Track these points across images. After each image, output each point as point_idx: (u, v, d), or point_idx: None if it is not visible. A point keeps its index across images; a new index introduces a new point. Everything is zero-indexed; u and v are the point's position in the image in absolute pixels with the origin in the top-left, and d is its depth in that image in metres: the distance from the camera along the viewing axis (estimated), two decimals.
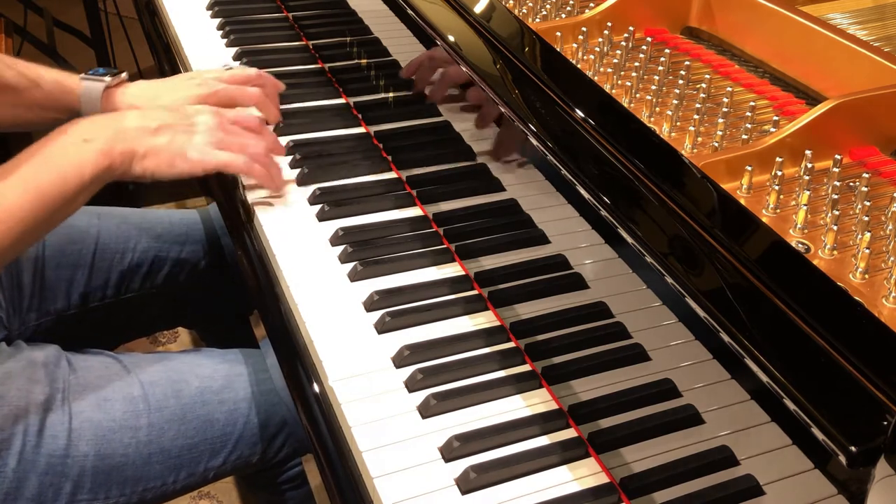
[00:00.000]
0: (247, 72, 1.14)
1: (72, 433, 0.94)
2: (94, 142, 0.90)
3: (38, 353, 0.99)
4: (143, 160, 0.93)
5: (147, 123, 0.94)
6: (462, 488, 0.71)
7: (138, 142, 0.92)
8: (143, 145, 0.92)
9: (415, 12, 1.06)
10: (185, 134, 0.95)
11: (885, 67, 0.83)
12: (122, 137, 0.92)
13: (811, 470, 0.64)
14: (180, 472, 1.01)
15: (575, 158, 0.80)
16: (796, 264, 0.63)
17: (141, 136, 0.93)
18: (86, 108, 1.11)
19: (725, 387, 0.74)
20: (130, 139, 0.92)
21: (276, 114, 1.14)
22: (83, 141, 0.90)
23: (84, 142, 0.90)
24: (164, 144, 0.93)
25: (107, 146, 0.90)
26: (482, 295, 0.89)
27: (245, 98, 1.11)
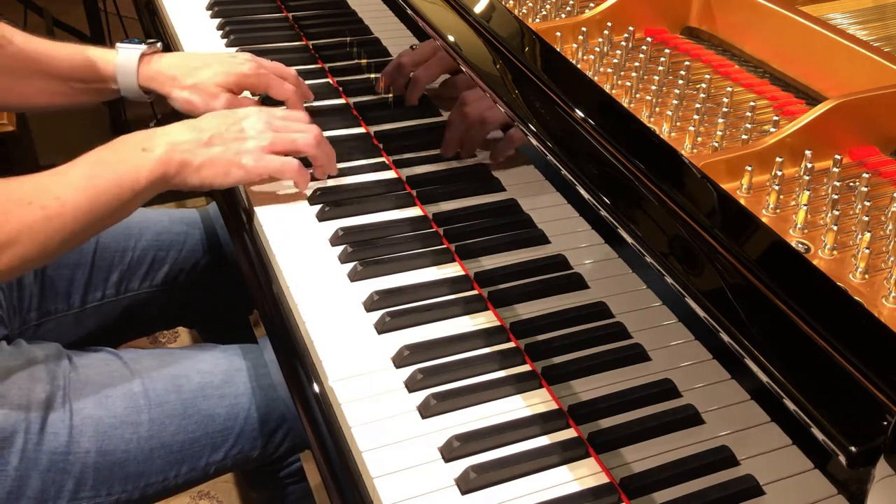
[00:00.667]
0: (288, 69, 1.17)
1: (73, 430, 0.94)
2: (151, 151, 0.92)
3: (39, 351, 0.99)
4: (200, 171, 0.94)
5: (199, 135, 0.95)
6: (462, 488, 0.71)
7: (193, 153, 0.94)
8: (199, 156, 0.94)
9: (415, 12, 1.06)
10: (236, 142, 0.96)
11: (885, 67, 0.83)
12: (178, 148, 0.94)
13: (811, 470, 0.64)
14: (182, 466, 1.01)
15: (575, 158, 0.80)
16: (796, 264, 0.63)
17: (195, 147, 0.94)
18: (121, 75, 1.13)
19: (725, 387, 0.74)
20: (185, 150, 0.94)
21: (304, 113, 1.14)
22: (141, 150, 0.92)
23: (142, 150, 0.92)
24: (219, 154, 0.95)
25: (165, 156, 0.92)
26: (482, 295, 0.89)
27: (281, 91, 1.14)
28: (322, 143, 1.02)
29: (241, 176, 0.96)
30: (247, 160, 0.96)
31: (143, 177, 0.91)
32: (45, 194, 0.86)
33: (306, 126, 1.02)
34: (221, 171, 0.95)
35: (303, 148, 1.00)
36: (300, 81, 1.17)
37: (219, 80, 1.11)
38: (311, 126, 1.02)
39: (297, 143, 0.99)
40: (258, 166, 0.96)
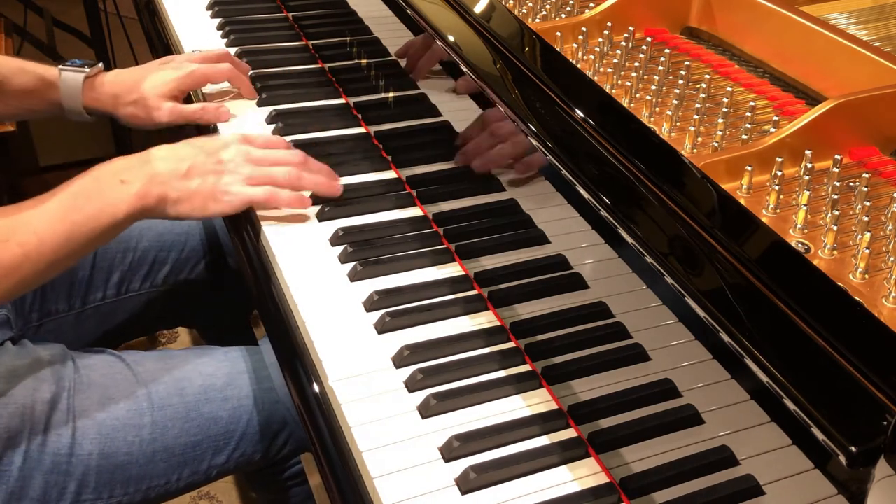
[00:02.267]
0: (217, 51, 1.21)
1: (76, 432, 0.94)
2: (130, 184, 0.91)
3: (44, 351, 0.99)
4: (177, 205, 0.94)
5: (178, 167, 0.94)
6: (462, 488, 0.71)
7: (171, 186, 0.93)
8: (176, 189, 0.94)
9: (415, 12, 1.06)
10: (214, 175, 0.96)
11: (885, 67, 0.83)
12: (156, 181, 0.93)
13: (811, 470, 0.64)
14: (184, 469, 1.01)
15: (575, 158, 0.80)
16: (796, 264, 0.63)
17: (173, 180, 0.94)
18: (66, 99, 1.15)
19: (725, 387, 0.74)
20: (164, 183, 0.93)
21: (249, 87, 1.21)
22: (120, 182, 0.91)
23: (121, 183, 0.91)
24: (196, 188, 0.94)
25: (143, 189, 0.92)
26: (482, 295, 0.89)
27: (217, 74, 1.18)
28: (303, 175, 0.99)
29: (219, 210, 0.96)
30: (222, 195, 0.95)
31: (122, 211, 0.91)
32: (23, 230, 0.85)
33: (287, 157, 1.00)
34: (199, 206, 0.95)
35: (282, 184, 0.98)
36: (232, 58, 1.21)
37: (158, 91, 1.14)
38: (292, 156, 1.00)
39: (275, 180, 0.98)
40: (235, 200, 0.96)
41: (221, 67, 1.18)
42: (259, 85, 1.23)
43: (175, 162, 0.95)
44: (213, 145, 0.98)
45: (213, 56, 1.19)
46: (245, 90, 1.20)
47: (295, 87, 1.24)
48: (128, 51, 2.47)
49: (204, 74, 1.17)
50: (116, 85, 1.15)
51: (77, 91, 1.14)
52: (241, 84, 1.20)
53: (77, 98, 1.14)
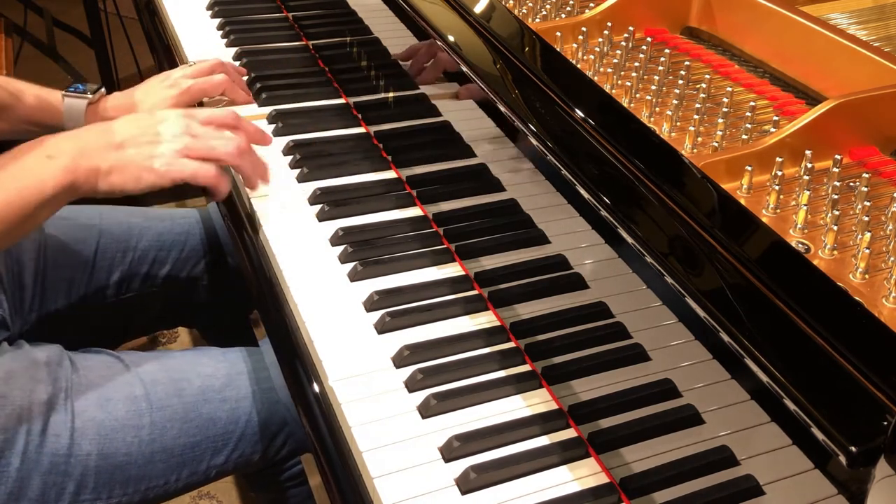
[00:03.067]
0: (210, 63, 1.19)
1: (74, 432, 0.94)
2: (57, 158, 0.88)
3: (41, 352, 0.99)
4: (109, 176, 0.91)
5: (110, 139, 0.92)
6: (462, 488, 0.71)
7: (101, 157, 0.90)
8: (107, 161, 0.90)
9: (415, 12, 1.06)
10: (149, 145, 0.93)
11: (885, 67, 0.83)
12: (85, 154, 0.90)
13: (811, 470, 0.64)
14: (183, 470, 1.01)
15: (575, 158, 0.80)
16: (796, 264, 0.63)
17: (104, 151, 0.91)
18: (69, 124, 1.13)
19: (725, 387, 0.74)
20: (94, 155, 0.90)
21: (244, 96, 1.20)
22: (46, 157, 0.88)
23: (47, 158, 0.88)
24: (129, 158, 0.91)
25: (71, 163, 0.88)
26: (482, 295, 0.89)
27: (213, 87, 1.17)
28: (246, 152, 0.98)
29: (153, 180, 0.92)
30: (159, 164, 0.92)
31: (49, 186, 0.87)
32: None
33: (230, 133, 0.98)
34: (132, 177, 0.91)
35: (222, 157, 0.96)
36: (226, 66, 1.20)
37: None
38: (234, 134, 0.98)
39: (215, 151, 0.96)
40: (171, 170, 0.93)
41: (216, 80, 1.17)
42: (259, 85, 1.23)
43: (107, 134, 0.93)
44: (150, 119, 0.96)
45: (206, 68, 1.18)
46: (240, 99, 1.20)
47: (295, 87, 1.24)
48: (128, 51, 2.47)
49: (200, 90, 1.16)
50: (117, 109, 1.14)
51: (80, 117, 1.13)
52: (235, 95, 1.19)
53: (80, 123, 1.13)
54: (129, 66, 2.51)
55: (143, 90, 1.17)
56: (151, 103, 1.14)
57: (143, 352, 1.08)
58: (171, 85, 1.16)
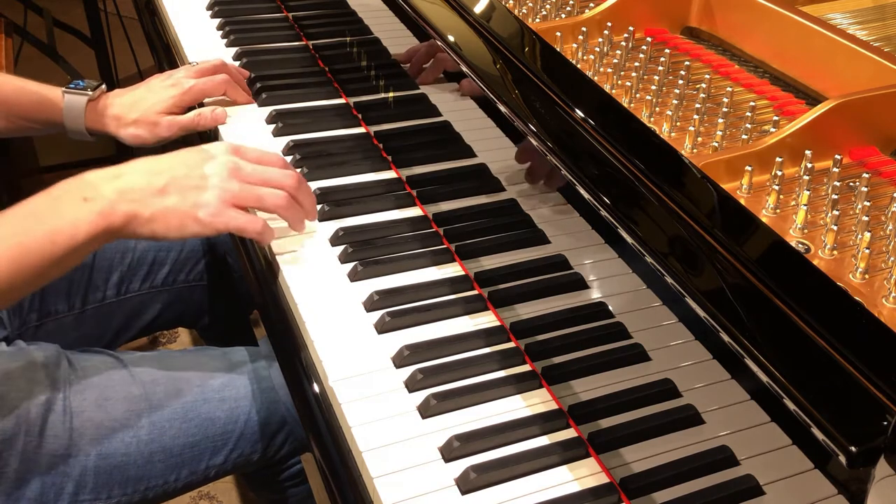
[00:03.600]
0: (213, 63, 1.20)
1: (73, 433, 0.94)
2: (93, 201, 0.83)
3: (38, 353, 0.99)
4: (151, 223, 0.85)
5: (154, 182, 0.86)
6: (462, 488, 0.71)
7: (144, 203, 0.85)
8: (150, 207, 0.85)
9: (415, 12, 1.06)
10: (195, 191, 0.87)
11: (885, 67, 0.83)
12: (126, 198, 0.84)
13: (811, 470, 0.64)
14: (182, 470, 1.01)
15: (575, 158, 0.80)
16: (796, 264, 0.63)
17: (147, 196, 0.85)
18: (69, 121, 1.14)
19: (725, 387, 0.74)
20: (135, 200, 0.84)
21: (245, 96, 1.20)
22: (83, 199, 0.83)
23: (83, 200, 0.83)
24: (173, 206, 0.85)
25: (108, 207, 0.83)
26: (482, 295, 0.89)
27: (214, 88, 1.17)
28: (293, 204, 0.91)
29: (198, 230, 0.87)
30: (204, 213, 0.86)
31: (82, 232, 0.82)
32: None
33: (280, 177, 0.91)
34: (175, 225, 0.86)
35: (271, 209, 0.91)
36: (228, 67, 1.20)
37: (157, 109, 1.14)
38: (285, 177, 0.92)
39: (264, 202, 0.90)
40: (217, 221, 0.87)
41: (217, 80, 1.17)
42: (259, 85, 1.23)
43: (150, 176, 0.86)
44: (196, 157, 0.90)
45: (209, 68, 1.18)
46: (241, 99, 1.20)
47: (295, 87, 1.24)
48: (128, 51, 2.47)
49: (201, 89, 1.16)
50: (118, 107, 1.15)
51: (80, 114, 1.13)
52: (236, 95, 1.19)
53: (80, 120, 1.14)
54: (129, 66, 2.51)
55: (145, 88, 1.17)
56: (152, 102, 1.14)
57: (142, 352, 1.07)
58: (173, 84, 1.16)
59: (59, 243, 0.81)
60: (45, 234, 0.81)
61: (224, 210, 0.87)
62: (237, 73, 1.22)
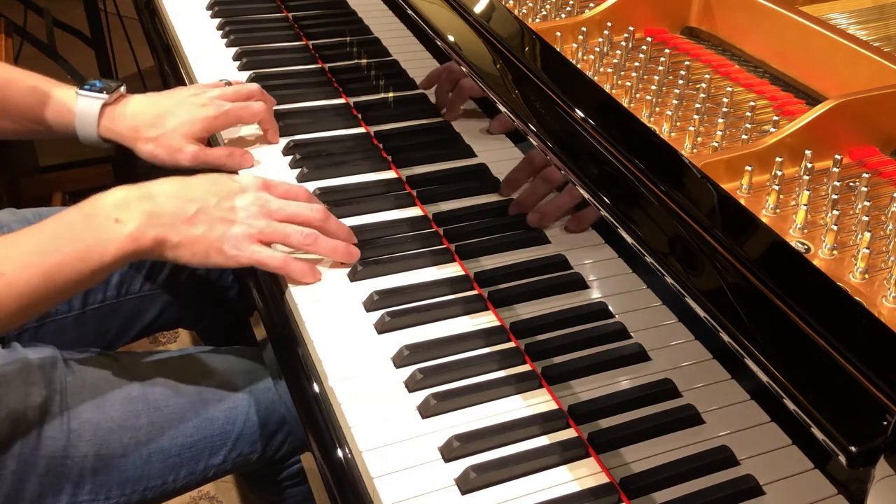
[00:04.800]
0: (248, 87, 1.11)
1: (71, 434, 0.94)
2: (125, 224, 0.83)
3: (33, 354, 0.99)
4: (177, 249, 0.86)
5: (185, 208, 0.86)
6: (462, 488, 0.71)
7: (172, 229, 0.85)
8: (179, 234, 0.85)
9: (415, 12, 1.06)
10: (223, 224, 0.87)
11: (885, 67, 0.83)
12: (156, 222, 0.85)
13: (811, 470, 0.64)
14: (180, 470, 1.01)
15: (575, 158, 0.80)
16: (796, 264, 0.63)
17: (177, 223, 0.86)
18: (81, 126, 1.06)
19: (725, 387, 0.74)
20: (164, 225, 0.85)
21: (276, 130, 1.13)
22: (114, 221, 0.83)
23: (115, 222, 0.83)
24: (201, 235, 0.86)
25: (138, 231, 0.84)
26: (482, 295, 0.89)
27: (250, 115, 1.09)
28: (319, 239, 0.90)
29: (221, 262, 0.88)
30: (229, 247, 0.87)
31: (111, 253, 0.82)
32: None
33: (307, 213, 0.91)
34: (200, 253, 0.87)
35: (296, 246, 0.90)
36: (265, 96, 1.12)
37: (184, 131, 1.05)
38: (311, 212, 0.91)
39: (289, 240, 0.90)
40: (240, 256, 0.87)
41: (255, 108, 1.08)
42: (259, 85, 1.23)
43: (182, 202, 0.87)
44: (228, 188, 0.90)
45: (244, 93, 1.09)
46: (272, 133, 1.12)
47: (295, 87, 1.24)
48: (128, 51, 2.47)
49: (237, 116, 1.07)
50: (137, 117, 1.05)
51: (93, 119, 1.05)
52: (270, 126, 1.11)
53: (92, 127, 1.06)
54: (129, 66, 2.51)
55: (174, 101, 1.07)
56: (179, 122, 1.04)
57: (140, 352, 1.07)
58: (206, 104, 1.06)
59: (88, 262, 0.82)
60: (77, 252, 0.82)
61: (248, 245, 0.88)
62: (271, 104, 1.13)
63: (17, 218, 1.15)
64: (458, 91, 1.11)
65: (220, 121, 1.06)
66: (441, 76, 1.13)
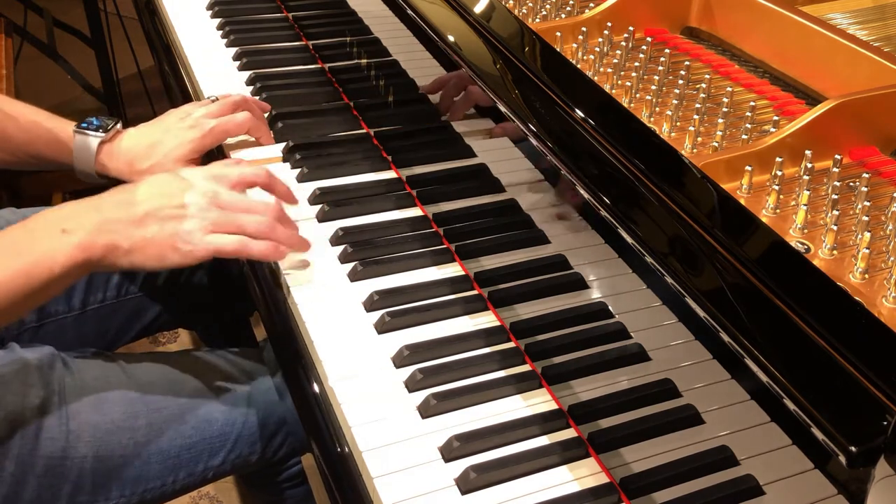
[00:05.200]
0: (233, 99, 1.11)
1: (69, 435, 0.94)
2: (72, 233, 0.82)
3: (31, 355, 0.98)
4: (130, 255, 0.85)
5: (132, 212, 0.85)
6: (462, 488, 0.71)
7: (122, 234, 0.84)
8: (129, 238, 0.84)
9: (415, 12, 1.06)
10: (173, 221, 0.86)
11: (885, 67, 0.83)
12: (105, 229, 0.84)
13: (811, 470, 0.64)
14: (179, 472, 1.00)
15: (575, 158, 0.80)
16: (796, 264, 0.63)
17: (125, 228, 0.84)
18: (78, 162, 1.07)
19: (725, 387, 0.74)
20: (113, 231, 0.84)
21: (268, 135, 1.13)
22: (61, 231, 0.82)
23: (62, 232, 0.82)
24: (151, 236, 0.85)
25: (86, 240, 0.82)
26: (482, 295, 0.89)
27: (236, 127, 1.09)
28: (278, 225, 0.90)
29: (177, 260, 0.86)
30: (182, 244, 0.86)
31: (59, 263, 0.81)
32: None
33: (260, 206, 0.91)
34: (155, 255, 0.85)
35: (253, 234, 0.89)
36: (249, 103, 1.12)
37: (175, 156, 1.06)
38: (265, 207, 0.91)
39: (245, 230, 0.88)
40: (196, 249, 0.86)
41: (240, 119, 1.09)
42: (259, 85, 1.23)
43: (129, 207, 0.86)
44: (175, 186, 0.89)
45: (228, 106, 1.10)
46: (264, 138, 1.12)
47: (295, 88, 1.24)
48: (128, 51, 2.47)
49: (224, 131, 1.08)
50: (131, 151, 1.07)
51: (90, 156, 1.06)
52: (259, 133, 1.12)
53: (89, 163, 1.07)
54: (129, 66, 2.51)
55: (162, 129, 1.08)
56: (170, 147, 1.06)
57: (139, 353, 1.07)
58: (192, 126, 1.07)
59: (35, 276, 0.81)
60: (21, 268, 0.81)
61: (202, 237, 0.87)
62: (259, 111, 1.14)
63: (18, 217, 1.15)
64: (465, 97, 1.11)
65: (208, 140, 1.07)
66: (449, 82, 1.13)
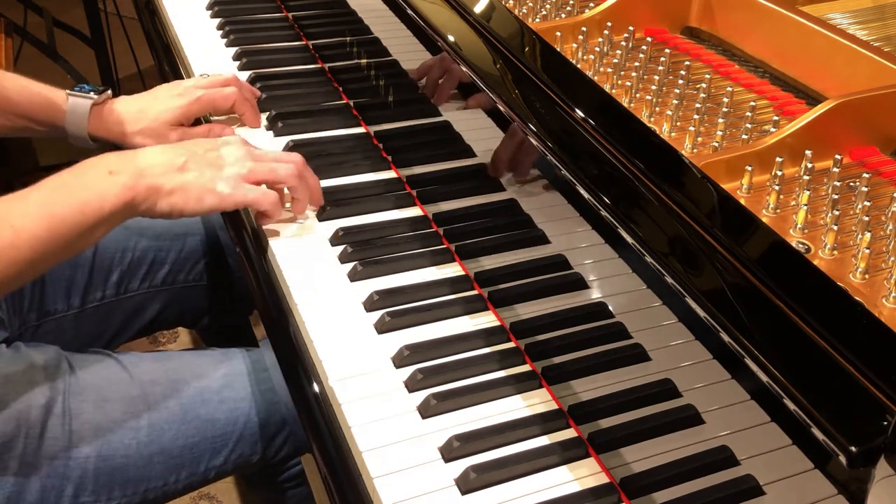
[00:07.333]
0: (224, 77, 1.16)
1: (72, 435, 0.94)
2: (118, 175, 0.87)
3: (38, 355, 0.99)
4: (170, 196, 0.89)
5: (174, 159, 0.91)
6: (462, 488, 0.71)
7: (165, 178, 0.89)
8: (171, 181, 0.89)
9: (415, 12, 1.06)
10: (213, 167, 0.92)
11: (885, 67, 0.83)
12: (148, 172, 0.89)
13: (811, 470, 0.64)
14: (181, 471, 1.01)
15: (575, 158, 0.80)
16: (796, 264, 0.63)
17: (168, 171, 0.90)
18: (71, 125, 1.11)
19: (725, 387, 0.74)
20: (157, 175, 0.89)
21: (254, 114, 1.16)
22: (108, 173, 0.87)
23: (109, 174, 0.87)
24: (193, 180, 0.90)
25: (132, 180, 0.87)
26: (482, 295, 0.89)
27: (222, 98, 1.13)
28: (304, 175, 0.97)
29: (215, 203, 0.91)
30: (222, 187, 0.91)
31: (109, 202, 0.86)
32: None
33: (288, 155, 0.98)
34: (194, 197, 0.90)
35: (283, 179, 0.95)
36: (240, 83, 1.17)
37: (166, 118, 1.11)
38: (293, 155, 0.98)
39: (276, 173, 0.95)
40: (234, 194, 0.92)
41: (226, 92, 1.13)
42: (259, 85, 1.23)
43: (170, 155, 0.91)
44: (213, 142, 0.95)
45: (218, 81, 1.15)
46: (249, 118, 1.16)
47: (295, 87, 1.24)
48: (128, 51, 2.47)
49: (210, 99, 1.13)
50: (123, 114, 1.12)
51: (83, 118, 1.10)
52: (245, 111, 1.15)
53: (82, 125, 1.11)
54: (129, 66, 2.51)
55: (151, 97, 1.14)
56: (159, 110, 1.11)
57: (141, 353, 1.07)
58: (181, 94, 1.13)
59: (88, 214, 0.85)
60: (76, 206, 0.85)
61: (239, 185, 0.92)
62: (248, 92, 1.18)
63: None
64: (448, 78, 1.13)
65: (195, 106, 1.12)
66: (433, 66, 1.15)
